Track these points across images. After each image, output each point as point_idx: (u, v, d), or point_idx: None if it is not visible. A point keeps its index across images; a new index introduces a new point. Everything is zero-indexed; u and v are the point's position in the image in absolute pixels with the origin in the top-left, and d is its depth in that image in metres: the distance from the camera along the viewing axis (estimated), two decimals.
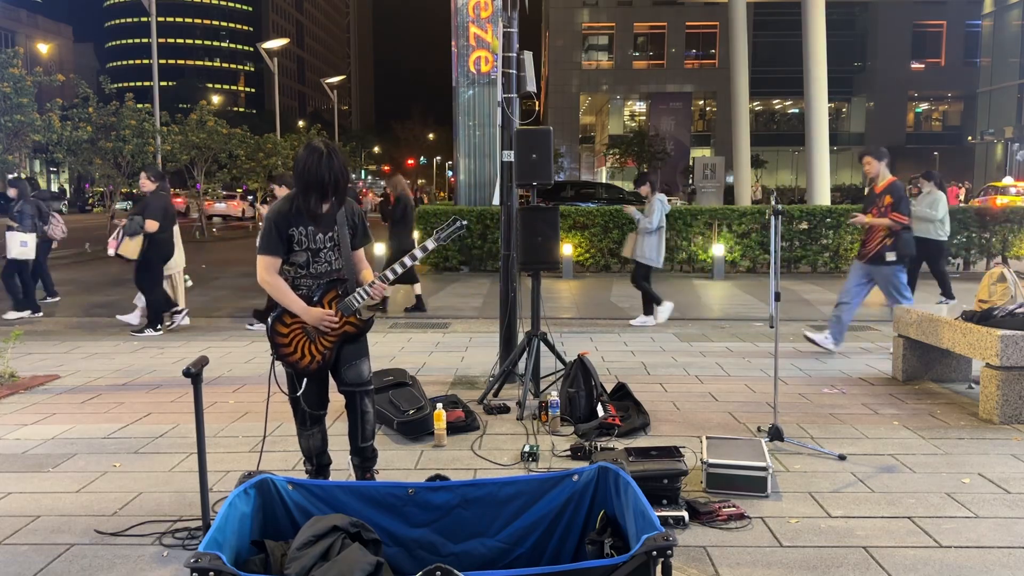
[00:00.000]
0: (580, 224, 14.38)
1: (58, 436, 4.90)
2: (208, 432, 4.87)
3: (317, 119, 75.49)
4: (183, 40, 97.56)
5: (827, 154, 18.47)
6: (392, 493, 2.79)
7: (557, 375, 5.83)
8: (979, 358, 5.16)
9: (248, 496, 2.62)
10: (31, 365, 6.89)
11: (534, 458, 4.40)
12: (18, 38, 53.81)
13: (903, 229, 6.76)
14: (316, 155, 3.37)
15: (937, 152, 48.23)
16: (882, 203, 6.86)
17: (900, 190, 6.80)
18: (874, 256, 6.87)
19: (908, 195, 6.98)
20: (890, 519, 3.61)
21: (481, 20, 16.37)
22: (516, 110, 6.15)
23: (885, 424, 5.07)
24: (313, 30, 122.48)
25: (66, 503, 3.85)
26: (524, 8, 6.76)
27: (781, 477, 4.12)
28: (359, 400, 3.68)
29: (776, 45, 48.37)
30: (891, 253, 6.81)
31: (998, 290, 5.86)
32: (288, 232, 3.48)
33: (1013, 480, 4.08)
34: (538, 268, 5.77)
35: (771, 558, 3.24)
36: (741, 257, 14.26)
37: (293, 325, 3.55)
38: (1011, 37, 41.17)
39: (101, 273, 14.68)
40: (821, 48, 18.32)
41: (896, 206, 6.76)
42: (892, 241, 6.81)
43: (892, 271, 6.86)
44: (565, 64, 48.93)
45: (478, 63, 16.47)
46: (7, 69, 15.41)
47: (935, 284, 9.82)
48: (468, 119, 16.76)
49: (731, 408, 5.48)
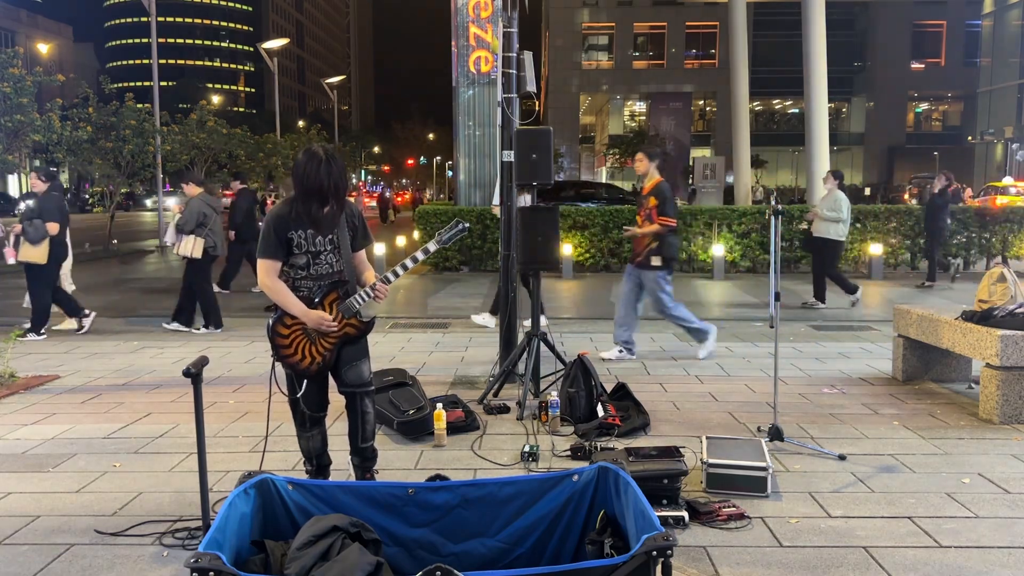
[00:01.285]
0: (580, 224, 14.38)
1: (58, 436, 4.90)
2: (208, 432, 4.87)
3: (317, 119, 75.50)
4: (183, 40, 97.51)
5: (827, 154, 18.47)
6: (392, 493, 2.79)
7: (557, 375, 5.83)
8: (979, 358, 5.16)
9: (248, 496, 2.62)
10: (31, 365, 6.89)
11: (534, 458, 4.40)
12: (18, 38, 53.79)
13: (669, 232, 6.54)
14: (316, 161, 3.37)
15: (937, 152, 48.22)
16: (648, 205, 6.58)
17: (666, 191, 6.53)
18: (642, 261, 6.66)
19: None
20: (890, 519, 3.61)
21: (481, 20, 16.37)
22: (516, 110, 6.15)
23: (885, 424, 5.07)
24: (313, 30, 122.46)
25: (66, 503, 3.85)
26: (524, 8, 6.76)
27: (781, 477, 4.12)
28: (359, 401, 3.68)
29: (776, 45, 48.34)
30: (656, 258, 6.55)
31: (998, 290, 5.86)
32: (287, 236, 3.48)
33: (1013, 480, 4.08)
34: (538, 268, 5.77)
35: (771, 558, 3.24)
36: (741, 257, 14.26)
37: (294, 327, 3.55)
38: (1011, 37, 41.15)
39: (98, 273, 14.68)
40: (821, 48, 18.31)
41: (662, 208, 6.49)
42: (657, 245, 6.55)
43: (656, 276, 6.63)
44: (565, 64, 48.91)
45: (478, 63, 16.46)
46: (7, 69, 15.41)
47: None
48: (468, 119, 16.75)
49: (731, 408, 5.48)
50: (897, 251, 14.34)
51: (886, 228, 14.15)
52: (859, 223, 14.12)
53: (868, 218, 14.19)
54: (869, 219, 14.18)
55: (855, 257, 14.12)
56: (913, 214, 14.33)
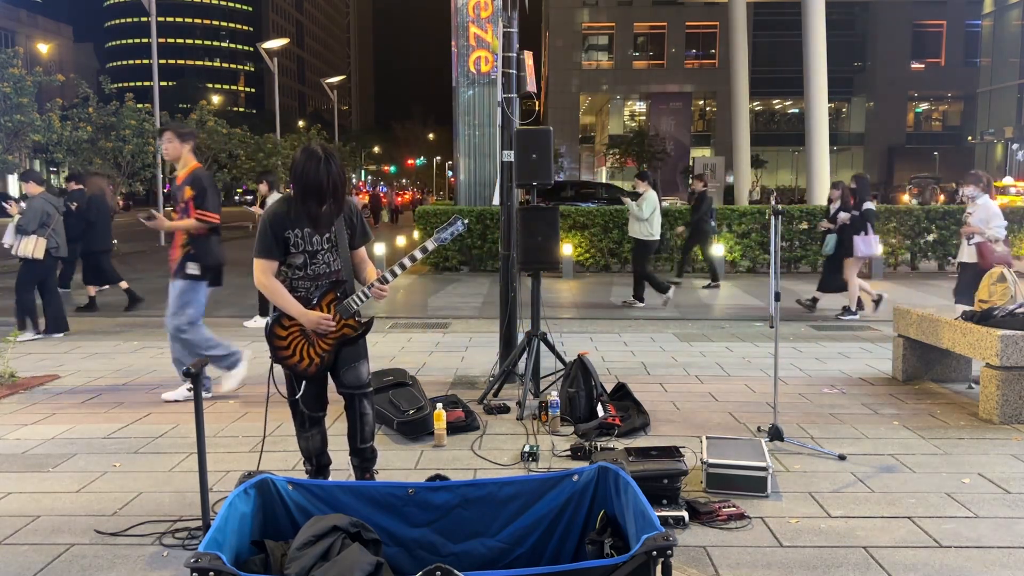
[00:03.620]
0: (580, 224, 14.38)
1: (58, 436, 4.90)
2: (208, 432, 4.87)
3: (317, 119, 75.46)
4: (183, 40, 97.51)
5: (827, 154, 18.48)
6: (392, 493, 2.79)
7: (557, 375, 5.83)
8: (979, 358, 5.16)
9: (248, 496, 2.61)
10: (31, 365, 6.89)
11: (534, 458, 4.40)
12: (18, 38, 53.80)
13: (211, 232, 5.30)
14: (314, 160, 3.35)
15: (937, 152, 48.22)
16: (183, 197, 5.30)
17: (204, 180, 5.26)
18: (178, 269, 5.36)
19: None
20: (890, 519, 3.61)
21: (481, 20, 16.37)
22: (516, 110, 6.15)
23: (885, 424, 5.07)
24: (313, 30, 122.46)
25: (66, 503, 3.84)
26: (524, 8, 6.76)
27: (781, 477, 4.12)
28: (358, 402, 3.68)
29: (776, 45, 48.35)
30: (192, 264, 5.28)
31: (998, 290, 5.86)
32: (284, 235, 3.46)
33: (1013, 480, 4.08)
34: (538, 268, 5.77)
35: (771, 558, 3.24)
36: (741, 257, 14.26)
37: (291, 328, 3.54)
38: (1011, 37, 41.14)
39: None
40: (821, 48, 18.32)
41: (200, 201, 5.21)
42: (192, 249, 5.28)
43: (188, 287, 5.30)
44: (565, 64, 48.91)
45: (478, 63, 16.47)
46: (7, 69, 15.43)
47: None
48: (468, 119, 16.76)
49: (731, 408, 5.48)
50: (897, 251, 14.34)
51: (886, 228, 14.15)
52: None
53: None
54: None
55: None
56: (913, 214, 14.33)
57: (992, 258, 6.80)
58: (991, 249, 6.83)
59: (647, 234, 9.93)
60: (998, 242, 6.86)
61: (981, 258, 6.93)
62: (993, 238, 6.85)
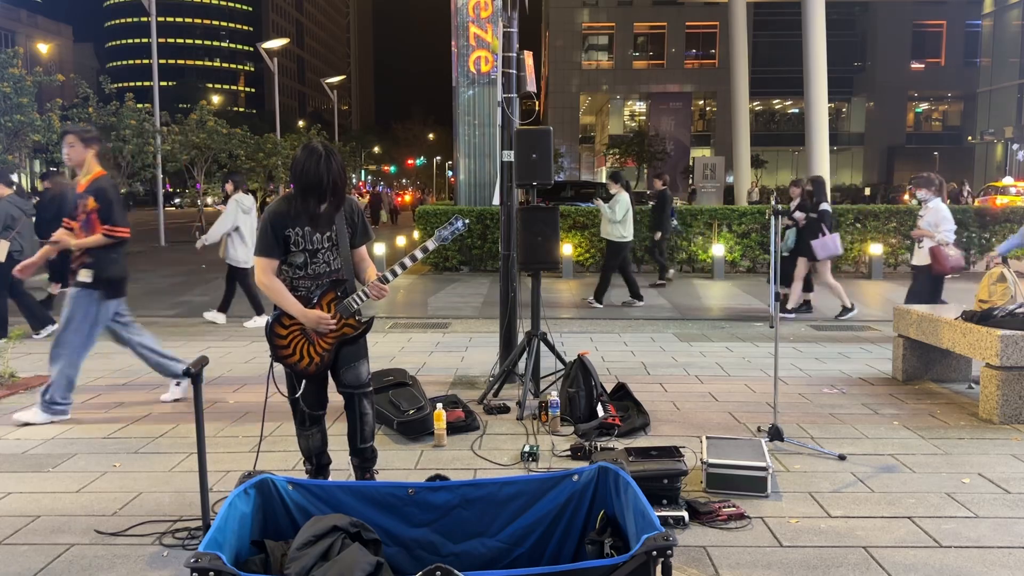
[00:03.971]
0: (580, 224, 14.38)
1: (58, 436, 4.90)
2: (208, 432, 4.87)
3: (317, 119, 75.50)
4: (183, 40, 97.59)
5: (827, 154, 18.48)
6: (392, 493, 2.79)
7: (557, 375, 5.83)
8: (979, 358, 5.16)
9: (248, 496, 2.61)
10: (31, 365, 6.89)
11: (534, 458, 4.40)
12: (18, 38, 53.81)
13: (116, 244, 5.07)
14: (315, 157, 3.35)
15: (937, 152, 48.21)
16: (85, 207, 4.99)
17: (109, 190, 5.02)
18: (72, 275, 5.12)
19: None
20: (890, 519, 3.61)
21: (481, 20, 16.38)
22: (516, 110, 6.15)
23: (885, 424, 5.07)
24: (313, 30, 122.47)
25: (66, 503, 3.84)
26: (524, 8, 6.75)
27: (781, 477, 4.12)
28: (358, 402, 3.68)
29: (776, 45, 48.37)
30: (85, 272, 5.04)
31: (998, 290, 5.86)
32: (284, 233, 3.46)
33: (1013, 480, 4.08)
34: (538, 268, 5.77)
35: (771, 558, 3.24)
36: (741, 257, 14.26)
37: (291, 327, 3.54)
38: (1011, 37, 41.15)
39: None
40: (821, 48, 18.32)
41: (107, 214, 4.96)
42: (89, 256, 5.03)
43: (85, 297, 5.04)
44: (565, 64, 48.93)
45: (478, 63, 16.48)
46: (7, 69, 15.43)
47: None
48: (468, 119, 16.76)
49: (731, 408, 5.48)
50: (897, 251, 14.34)
51: (886, 228, 14.15)
52: (859, 223, 14.13)
53: (868, 218, 14.18)
54: (869, 219, 14.18)
55: (855, 257, 14.12)
56: (913, 214, 14.32)
57: (946, 262, 6.79)
58: (944, 253, 6.81)
59: (619, 236, 9.95)
60: (948, 245, 6.86)
61: (935, 261, 6.90)
62: (943, 242, 6.85)
